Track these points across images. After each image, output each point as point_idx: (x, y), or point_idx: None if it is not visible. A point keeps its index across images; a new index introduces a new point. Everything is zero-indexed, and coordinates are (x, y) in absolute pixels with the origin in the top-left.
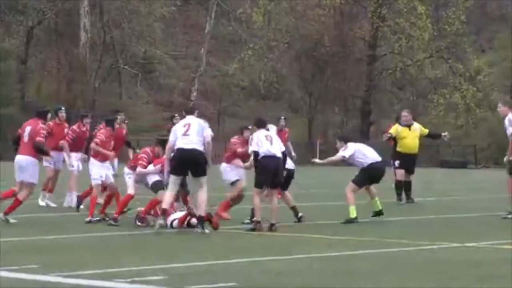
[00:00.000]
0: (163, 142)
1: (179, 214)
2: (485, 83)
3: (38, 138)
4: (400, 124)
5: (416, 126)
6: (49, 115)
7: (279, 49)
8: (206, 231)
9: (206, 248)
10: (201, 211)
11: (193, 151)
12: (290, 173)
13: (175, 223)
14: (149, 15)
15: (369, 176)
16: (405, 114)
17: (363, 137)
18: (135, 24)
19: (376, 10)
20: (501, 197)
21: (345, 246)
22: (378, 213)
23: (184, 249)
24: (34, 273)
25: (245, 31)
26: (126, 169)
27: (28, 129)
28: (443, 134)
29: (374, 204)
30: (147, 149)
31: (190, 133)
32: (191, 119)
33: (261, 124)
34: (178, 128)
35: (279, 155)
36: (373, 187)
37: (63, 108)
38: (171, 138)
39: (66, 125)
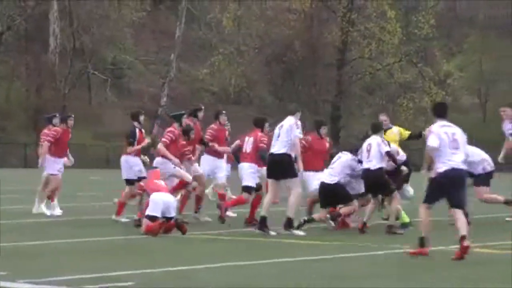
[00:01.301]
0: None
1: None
2: (455, 87)
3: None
4: None
5: (395, 130)
6: (266, 124)
7: (249, 54)
8: (299, 232)
9: (183, 252)
10: (290, 213)
11: (275, 156)
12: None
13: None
14: (119, 21)
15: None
16: (384, 118)
17: (333, 141)
18: (104, 30)
19: (346, 15)
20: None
21: (332, 250)
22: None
23: (160, 254)
24: (3, 280)
25: (215, 36)
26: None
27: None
28: (423, 132)
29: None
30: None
31: (280, 133)
32: (285, 121)
33: (375, 129)
34: (275, 130)
35: (371, 167)
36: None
37: (72, 115)
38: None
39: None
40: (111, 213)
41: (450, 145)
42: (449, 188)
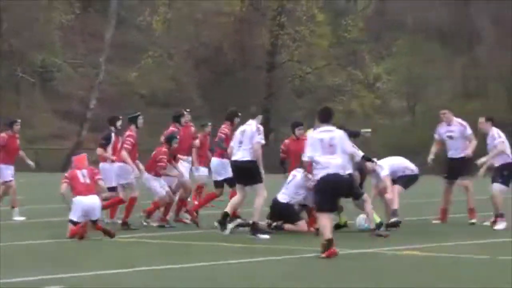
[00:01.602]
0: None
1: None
2: (384, 90)
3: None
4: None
5: None
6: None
7: (179, 57)
8: (264, 236)
9: (113, 256)
10: (256, 217)
11: (241, 163)
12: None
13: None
14: (48, 23)
15: None
16: None
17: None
18: (34, 32)
19: (276, 18)
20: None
21: (246, 254)
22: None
23: (90, 257)
24: None
25: (145, 39)
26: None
27: None
28: (363, 130)
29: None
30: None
31: (244, 140)
32: (247, 126)
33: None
34: (236, 134)
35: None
36: None
37: (19, 120)
38: (231, 143)
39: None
40: (41, 216)
41: (326, 151)
42: (329, 192)
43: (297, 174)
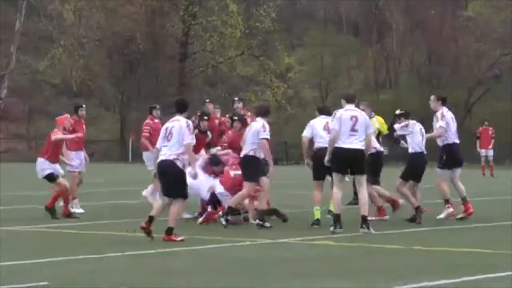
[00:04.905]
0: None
1: None
2: (296, 80)
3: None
4: None
5: (375, 120)
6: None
7: (90, 46)
8: (372, 231)
9: (20, 246)
10: (364, 210)
11: (354, 151)
12: None
13: None
14: None
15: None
16: (363, 107)
17: None
18: None
19: (188, 8)
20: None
21: (158, 244)
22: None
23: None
24: None
25: (56, 28)
26: None
27: None
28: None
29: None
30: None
31: (358, 128)
32: (358, 112)
33: (408, 115)
34: (343, 120)
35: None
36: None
37: (84, 105)
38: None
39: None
40: None
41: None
42: None
43: None
